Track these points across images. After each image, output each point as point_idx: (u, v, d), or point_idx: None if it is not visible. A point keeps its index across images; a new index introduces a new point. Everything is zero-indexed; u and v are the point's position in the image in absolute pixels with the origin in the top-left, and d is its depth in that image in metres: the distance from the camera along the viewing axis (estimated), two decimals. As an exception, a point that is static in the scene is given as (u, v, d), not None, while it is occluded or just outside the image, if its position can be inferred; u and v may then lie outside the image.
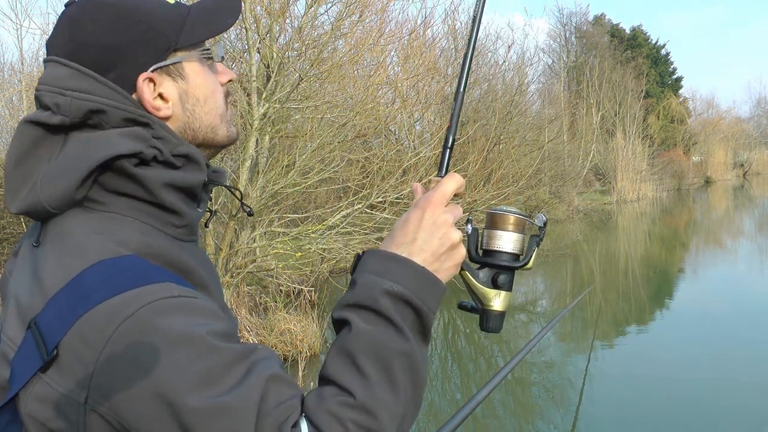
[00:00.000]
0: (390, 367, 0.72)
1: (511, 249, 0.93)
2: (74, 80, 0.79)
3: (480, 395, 2.11)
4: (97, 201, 0.79)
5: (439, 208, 0.83)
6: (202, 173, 0.86)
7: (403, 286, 0.76)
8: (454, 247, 0.83)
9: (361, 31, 8.20)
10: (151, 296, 0.69)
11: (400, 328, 0.74)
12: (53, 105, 0.78)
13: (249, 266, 6.82)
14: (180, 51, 0.85)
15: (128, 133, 0.79)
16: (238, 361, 0.69)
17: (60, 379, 0.69)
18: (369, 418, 0.69)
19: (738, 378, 5.60)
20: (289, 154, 7.13)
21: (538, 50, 27.51)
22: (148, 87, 0.82)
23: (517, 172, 14.36)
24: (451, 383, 6.19)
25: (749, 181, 42.54)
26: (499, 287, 0.92)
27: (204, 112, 0.88)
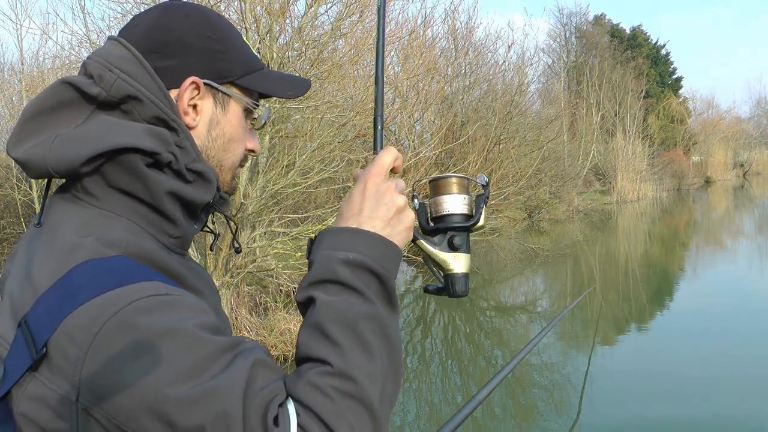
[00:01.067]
0: (359, 331, 0.72)
1: (459, 210, 0.94)
2: (127, 63, 0.80)
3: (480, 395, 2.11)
4: (94, 195, 0.79)
5: (379, 177, 0.85)
6: (209, 194, 0.86)
7: (359, 253, 0.77)
8: (402, 211, 0.84)
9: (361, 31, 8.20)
10: (137, 294, 0.70)
11: (362, 293, 0.75)
12: (97, 76, 0.79)
13: (249, 266, 6.82)
14: (236, 89, 0.89)
15: (154, 131, 0.80)
16: (224, 352, 0.69)
17: (52, 377, 0.69)
18: (348, 383, 0.69)
19: (739, 378, 5.60)
20: (289, 154, 7.13)
21: (538, 50, 27.58)
22: (190, 90, 0.84)
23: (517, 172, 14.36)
24: (451, 383, 6.19)
25: (749, 181, 42.54)
26: (457, 249, 0.93)
27: (222, 149, 0.90)
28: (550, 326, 3.28)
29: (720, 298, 9.28)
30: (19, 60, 11.88)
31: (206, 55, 0.85)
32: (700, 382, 5.57)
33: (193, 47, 0.84)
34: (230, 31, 0.89)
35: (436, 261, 0.94)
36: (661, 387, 5.50)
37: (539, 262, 12.53)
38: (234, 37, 0.89)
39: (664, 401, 5.18)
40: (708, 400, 5.18)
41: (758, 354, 6.25)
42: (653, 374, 5.91)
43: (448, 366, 6.76)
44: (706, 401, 5.15)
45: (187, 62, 0.84)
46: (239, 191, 6.49)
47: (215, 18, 0.88)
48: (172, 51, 0.84)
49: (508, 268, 12.22)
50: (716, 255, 14.13)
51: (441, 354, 7.17)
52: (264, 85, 0.91)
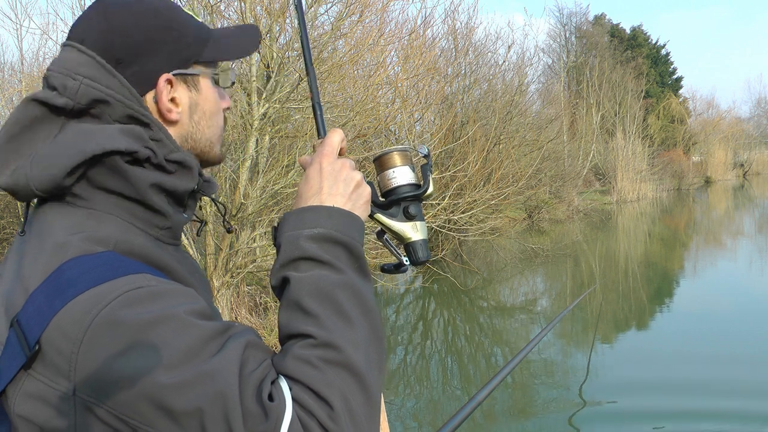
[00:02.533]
0: (335, 300, 0.74)
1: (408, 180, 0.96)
2: (87, 67, 0.80)
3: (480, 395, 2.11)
4: (80, 196, 0.79)
5: (332, 156, 0.88)
6: (193, 181, 0.87)
7: (323, 228, 0.79)
8: (360, 185, 0.87)
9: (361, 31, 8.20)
10: (127, 285, 0.70)
11: (332, 264, 0.77)
12: (61, 86, 0.79)
13: (249, 266, 6.82)
14: (200, 65, 0.89)
15: (127, 130, 0.80)
16: (215, 336, 0.70)
17: (47, 373, 0.69)
18: (333, 351, 0.70)
19: (739, 378, 5.60)
20: (289, 154, 7.13)
21: (538, 50, 27.45)
22: (166, 88, 0.85)
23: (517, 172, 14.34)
24: (451, 383, 6.19)
25: (749, 181, 42.52)
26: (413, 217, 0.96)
27: (207, 126, 0.91)
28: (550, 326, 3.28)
29: (720, 297, 9.28)
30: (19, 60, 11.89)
31: (166, 48, 0.85)
32: (700, 382, 5.56)
33: (151, 44, 0.83)
34: (176, 11, 0.88)
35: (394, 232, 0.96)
36: (661, 387, 5.50)
37: (539, 262, 12.53)
38: (181, 15, 0.88)
39: (664, 401, 5.18)
40: (708, 399, 5.18)
41: (759, 354, 6.25)
42: (653, 374, 5.90)
43: (448, 366, 6.76)
44: (707, 401, 5.15)
45: (152, 62, 0.84)
46: (239, 191, 6.49)
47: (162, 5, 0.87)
48: (133, 56, 0.82)
49: (508, 268, 12.22)
50: (716, 255, 14.13)
51: (441, 354, 7.17)
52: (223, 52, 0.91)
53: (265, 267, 7.13)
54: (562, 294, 10.43)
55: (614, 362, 6.42)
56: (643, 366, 6.22)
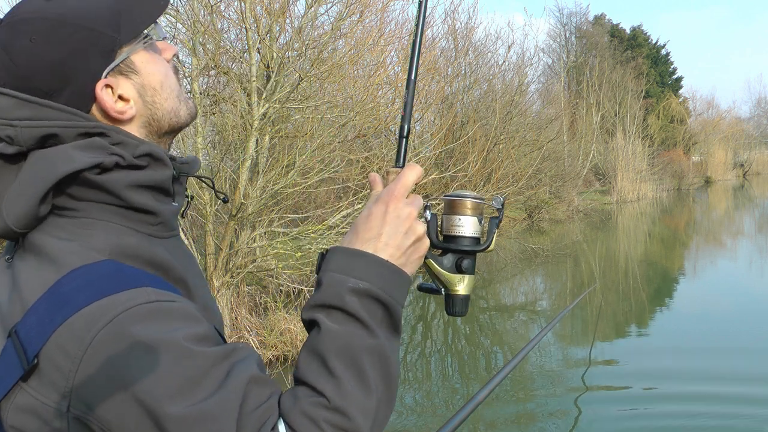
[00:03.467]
0: (360, 365, 0.73)
1: (471, 233, 0.93)
2: (20, 109, 0.76)
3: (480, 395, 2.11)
4: (69, 208, 0.78)
5: (401, 201, 0.83)
6: (168, 169, 0.85)
7: (369, 283, 0.77)
8: (419, 240, 0.84)
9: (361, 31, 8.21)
10: (127, 303, 0.70)
11: (368, 325, 0.75)
12: (5, 137, 0.76)
13: (249, 266, 6.81)
14: (125, 46, 0.83)
15: (85, 145, 0.77)
16: (216, 364, 0.69)
17: (41, 388, 0.69)
18: (342, 418, 0.70)
19: (740, 378, 5.59)
20: (289, 154, 7.13)
21: (538, 50, 27.42)
22: (107, 94, 0.81)
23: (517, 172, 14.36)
24: (451, 383, 6.19)
25: (749, 181, 42.52)
26: (463, 272, 0.93)
27: (163, 99, 0.87)
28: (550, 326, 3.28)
29: (720, 297, 9.28)
30: (19, 60, 11.88)
31: (83, 53, 0.79)
32: (700, 382, 5.56)
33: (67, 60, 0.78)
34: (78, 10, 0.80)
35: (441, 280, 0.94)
36: (662, 386, 5.50)
37: (539, 262, 12.53)
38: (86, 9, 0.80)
39: (664, 401, 5.18)
40: (708, 399, 5.18)
41: (760, 354, 6.25)
42: (653, 374, 5.90)
43: (448, 366, 6.76)
44: (707, 401, 5.15)
45: (79, 76, 0.79)
46: (239, 191, 6.49)
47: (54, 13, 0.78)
48: (58, 83, 0.78)
49: (508, 268, 12.22)
50: (716, 255, 14.13)
51: (441, 354, 7.17)
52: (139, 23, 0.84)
53: (265, 267, 7.13)
54: (562, 294, 10.43)
55: (614, 361, 6.42)
56: (643, 365, 6.21)
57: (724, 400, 5.15)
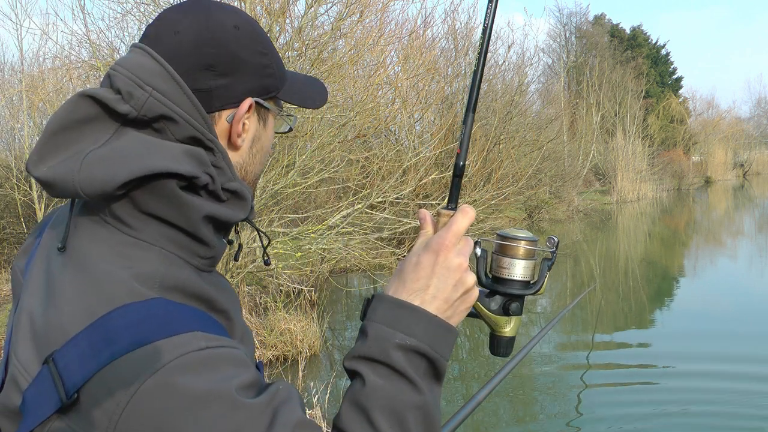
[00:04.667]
0: (404, 422, 0.73)
1: (521, 276, 0.90)
2: (159, 78, 0.75)
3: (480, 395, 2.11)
4: (125, 222, 0.75)
5: (453, 250, 0.80)
6: (244, 213, 0.84)
7: (417, 339, 0.76)
8: (468, 291, 0.81)
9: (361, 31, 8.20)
10: (178, 350, 0.67)
11: (414, 382, 0.74)
12: (126, 93, 0.74)
13: (249, 266, 6.82)
14: (272, 102, 0.87)
15: (191, 152, 0.76)
16: (262, 411, 0.68)
17: (81, 422, 0.67)
18: None
19: (740, 378, 5.60)
20: (289, 154, 7.13)
21: (538, 50, 27.39)
22: (248, 112, 0.82)
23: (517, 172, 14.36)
24: (451, 383, 6.19)
25: (749, 181, 42.52)
26: (511, 314, 0.91)
27: (258, 162, 0.88)
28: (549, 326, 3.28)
29: (720, 297, 9.29)
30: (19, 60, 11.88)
31: (258, 73, 0.83)
32: (701, 383, 5.56)
33: (247, 64, 0.81)
34: (269, 41, 0.86)
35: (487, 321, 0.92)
36: (661, 386, 5.51)
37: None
38: (272, 47, 0.86)
39: (663, 401, 5.18)
40: (709, 400, 5.18)
41: (761, 354, 6.25)
42: (653, 374, 5.91)
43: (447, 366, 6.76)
44: (707, 401, 5.15)
45: (242, 81, 0.81)
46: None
47: (258, 28, 0.85)
48: (226, 69, 0.79)
49: (508, 268, 12.19)
50: (716, 255, 14.13)
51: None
52: (296, 97, 0.89)
53: (265, 267, 7.13)
54: (561, 294, 10.43)
55: (614, 362, 6.42)
56: (642, 365, 6.22)
57: (724, 400, 5.16)
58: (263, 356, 6.14)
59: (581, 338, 7.30)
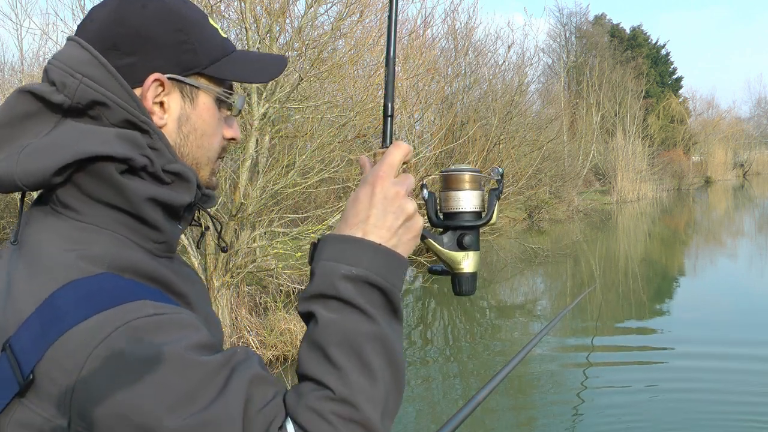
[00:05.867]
0: (362, 353, 0.71)
1: (471, 207, 0.90)
2: (89, 66, 0.77)
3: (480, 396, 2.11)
4: (72, 208, 0.76)
5: (387, 180, 0.80)
6: (190, 195, 0.83)
7: (362, 268, 0.74)
8: (410, 218, 0.80)
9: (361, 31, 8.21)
10: (125, 317, 0.68)
11: (366, 312, 0.73)
12: (60, 83, 0.76)
13: (249, 266, 6.82)
14: (204, 79, 0.84)
15: (125, 135, 0.76)
16: (218, 371, 0.67)
17: (40, 403, 0.68)
18: (350, 409, 0.68)
19: (740, 378, 5.59)
20: (289, 154, 7.13)
21: (538, 50, 27.38)
22: (154, 88, 0.80)
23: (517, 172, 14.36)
24: (451, 383, 6.19)
25: (749, 181, 42.52)
26: (466, 248, 0.90)
27: (196, 145, 0.86)
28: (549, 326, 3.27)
29: (721, 298, 9.28)
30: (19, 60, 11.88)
31: (168, 48, 0.81)
32: (701, 383, 5.56)
33: (152, 40, 0.80)
34: (194, 17, 0.84)
35: (444, 260, 0.90)
36: (661, 387, 5.51)
37: (539, 262, 12.53)
38: (198, 23, 0.84)
39: (663, 401, 5.18)
40: (709, 400, 5.18)
41: (761, 354, 6.24)
42: (653, 374, 5.91)
43: (448, 366, 6.76)
44: (707, 402, 5.15)
45: (148, 58, 0.80)
46: (239, 191, 6.49)
47: (176, 4, 0.83)
48: (130, 47, 0.79)
49: (508, 268, 12.22)
50: (716, 255, 14.13)
51: (441, 354, 7.17)
52: (234, 71, 0.87)
53: (265, 267, 7.14)
54: (562, 294, 10.43)
55: (613, 362, 6.42)
56: (642, 365, 6.22)
57: (725, 400, 5.15)
58: (263, 356, 6.14)
59: (581, 338, 7.30)
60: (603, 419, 4.94)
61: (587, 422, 4.91)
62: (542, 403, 5.47)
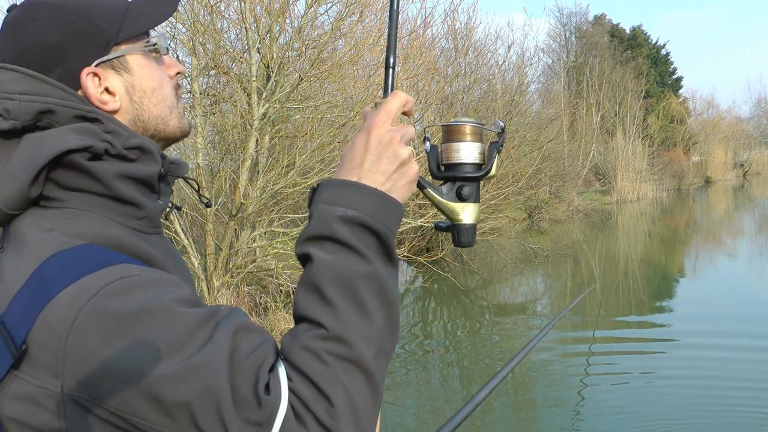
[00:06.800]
0: (356, 291, 0.71)
1: (471, 159, 0.91)
2: (20, 83, 0.79)
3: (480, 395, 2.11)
4: (54, 198, 0.79)
5: (383, 127, 0.81)
6: (157, 164, 0.86)
7: (358, 210, 0.76)
8: (405, 164, 0.82)
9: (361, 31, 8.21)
10: (110, 277, 0.70)
11: (360, 252, 0.74)
12: (3, 111, 0.78)
13: (249, 266, 6.82)
14: (123, 44, 0.86)
15: (78, 128, 0.79)
16: (203, 322, 0.69)
17: (34, 372, 0.69)
18: (343, 347, 0.69)
19: (740, 378, 5.59)
20: (289, 154, 7.13)
21: (538, 50, 27.39)
22: (92, 82, 0.83)
23: (517, 172, 14.36)
24: (451, 383, 6.19)
25: (749, 181, 42.53)
26: (465, 199, 0.91)
27: (152, 104, 0.88)
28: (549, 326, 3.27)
29: (721, 297, 9.28)
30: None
31: (77, 40, 0.83)
32: (701, 383, 5.56)
33: (61, 45, 0.82)
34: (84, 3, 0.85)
35: (444, 210, 0.92)
36: (661, 387, 5.50)
37: (539, 262, 12.53)
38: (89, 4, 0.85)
39: (663, 401, 5.18)
40: (709, 400, 5.18)
41: (761, 354, 6.24)
42: (652, 374, 5.91)
43: (448, 366, 6.76)
44: (707, 402, 5.15)
45: (69, 61, 0.82)
46: (239, 191, 6.49)
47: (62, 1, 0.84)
48: (51, 62, 0.81)
49: (508, 268, 12.22)
50: (716, 255, 14.13)
51: (441, 354, 7.17)
52: (140, 24, 0.88)
53: (265, 267, 7.14)
54: (561, 294, 10.43)
55: (613, 362, 6.42)
56: (642, 365, 6.22)
57: (725, 400, 5.15)
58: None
59: (581, 338, 7.30)
60: (603, 419, 4.94)
61: (587, 422, 4.91)
62: (542, 403, 5.47)
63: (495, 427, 4.96)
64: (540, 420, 5.11)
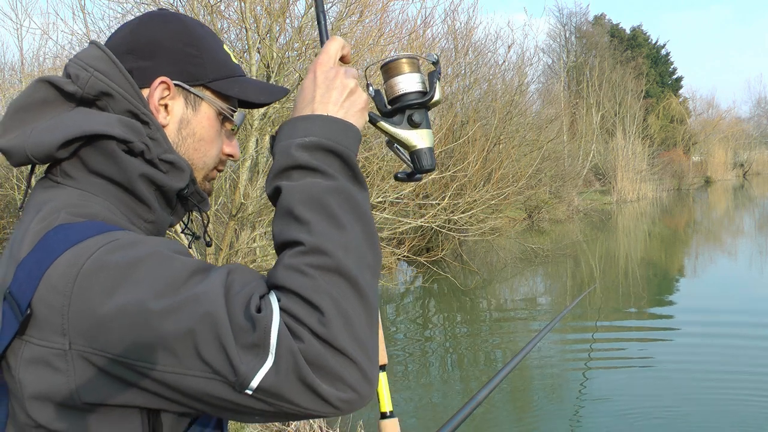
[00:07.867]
0: (326, 205, 0.73)
1: (414, 88, 0.94)
2: (101, 62, 0.85)
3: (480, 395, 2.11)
4: (71, 176, 0.83)
5: (327, 65, 0.86)
6: (182, 182, 0.89)
7: (314, 135, 0.78)
8: (353, 93, 0.85)
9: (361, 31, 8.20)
10: (110, 237, 0.74)
11: (324, 171, 0.76)
12: (74, 75, 0.84)
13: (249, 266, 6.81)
14: (209, 92, 0.92)
15: (126, 122, 0.83)
16: (198, 270, 0.71)
17: (42, 333, 0.70)
18: (322, 257, 0.70)
19: (740, 378, 5.60)
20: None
21: (538, 50, 27.42)
22: (160, 90, 0.88)
23: (517, 172, 14.35)
24: (451, 383, 6.19)
25: (749, 181, 42.53)
26: (417, 125, 0.95)
27: (193, 148, 0.92)
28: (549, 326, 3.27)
29: (720, 298, 9.29)
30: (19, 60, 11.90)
31: (178, 58, 0.89)
32: (701, 383, 5.57)
33: (165, 49, 0.89)
34: (207, 38, 0.93)
35: (399, 140, 0.95)
36: (661, 387, 5.51)
37: (539, 262, 12.54)
38: (210, 43, 0.93)
39: (663, 401, 5.18)
40: (709, 400, 5.18)
41: (761, 354, 6.25)
42: (652, 374, 5.91)
43: (448, 366, 6.76)
44: (707, 402, 5.15)
45: (159, 63, 0.88)
46: (239, 191, 6.49)
47: (193, 25, 0.93)
48: (145, 53, 0.88)
49: (508, 268, 12.22)
50: (716, 255, 14.14)
51: (441, 354, 7.17)
52: (236, 89, 0.93)
53: (265, 267, 7.13)
54: (562, 294, 10.43)
55: (613, 362, 6.42)
56: (641, 366, 6.22)
57: (725, 400, 5.16)
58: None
59: (581, 339, 7.30)
60: (603, 419, 4.95)
61: (587, 422, 4.91)
62: (542, 402, 5.47)
63: (495, 427, 4.96)
64: (540, 420, 5.11)
